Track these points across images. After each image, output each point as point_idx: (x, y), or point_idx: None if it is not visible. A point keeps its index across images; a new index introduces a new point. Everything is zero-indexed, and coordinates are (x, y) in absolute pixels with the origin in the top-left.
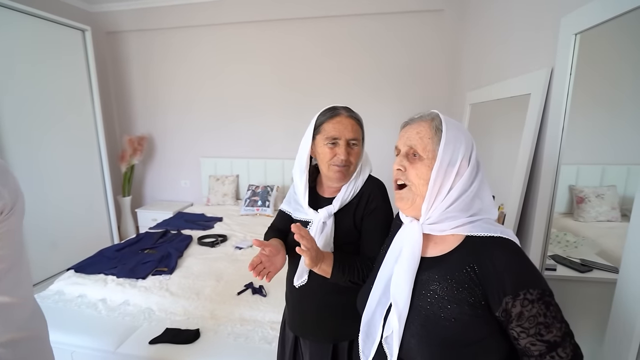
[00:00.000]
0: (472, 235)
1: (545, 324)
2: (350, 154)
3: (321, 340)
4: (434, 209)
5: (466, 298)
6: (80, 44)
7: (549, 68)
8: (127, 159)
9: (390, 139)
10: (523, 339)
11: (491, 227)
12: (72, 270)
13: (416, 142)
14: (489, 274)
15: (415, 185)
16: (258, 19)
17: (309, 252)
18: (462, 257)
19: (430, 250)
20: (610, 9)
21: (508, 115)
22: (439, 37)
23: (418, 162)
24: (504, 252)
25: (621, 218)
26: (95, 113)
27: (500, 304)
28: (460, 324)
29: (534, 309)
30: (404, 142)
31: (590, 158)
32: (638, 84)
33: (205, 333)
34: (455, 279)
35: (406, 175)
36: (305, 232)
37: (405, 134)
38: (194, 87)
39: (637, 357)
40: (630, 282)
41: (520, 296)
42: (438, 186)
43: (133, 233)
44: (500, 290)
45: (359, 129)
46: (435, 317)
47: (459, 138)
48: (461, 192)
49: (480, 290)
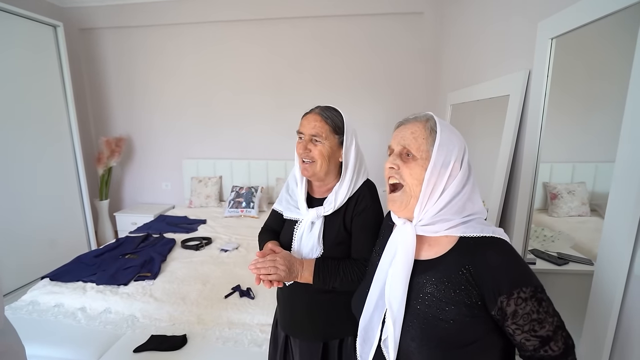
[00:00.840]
0: (465, 237)
1: (538, 320)
2: (312, 150)
3: (311, 338)
4: (427, 211)
5: (463, 299)
6: (52, 41)
7: (527, 70)
8: (104, 161)
9: (374, 139)
10: (518, 336)
11: (484, 228)
12: (47, 279)
13: (410, 141)
14: (484, 274)
15: (409, 186)
16: (241, 18)
17: (276, 276)
18: (457, 259)
19: (425, 252)
20: (584, 16)
21: (488, 116)
22: (420, 39)
23: (412, 162)
24: (497, 252)
25: (590, 213)
26: (69, 113)
27: (495, 303)
28: (459, 325)
29: (527, 307)
30: (397, 142)
31: (562, 156)
32: (607, 87)
33: (193, 338)
34: (452, 281)
35: (399, 173)
36: (261, 263)
37: (399, 134)
38: (174, 87)
39: (612, 344)
40: (606, 275)
41: (514, 295)
42: (431, 187)
43: (112, 238)
44: (495, 290)
45: (323, 127)
46: (433, 319)
47: (453, 140)
48: (454, 194)
49: (476, 290)
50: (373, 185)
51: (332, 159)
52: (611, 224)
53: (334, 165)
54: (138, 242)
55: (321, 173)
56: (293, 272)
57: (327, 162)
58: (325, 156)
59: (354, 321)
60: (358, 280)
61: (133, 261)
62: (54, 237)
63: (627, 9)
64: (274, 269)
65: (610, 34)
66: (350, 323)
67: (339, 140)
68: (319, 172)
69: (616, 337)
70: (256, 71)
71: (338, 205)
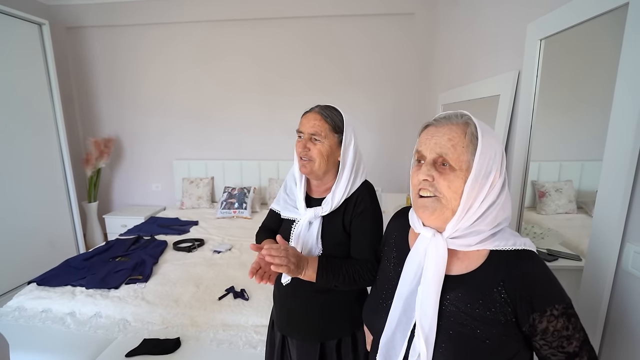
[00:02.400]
0: (496, 250)
1: (567, 337)
2: (311, 149)
3: (308, 339)
4: (462, 222)
5: (499, 317)
6: (37, 39)
7: (517, 71)
8: (92, 163)
9: (365, 139)
10: (545, 351)
11: (516, 240)
12: (34, 284)
13: (448, 150)
14: (518, 290)
15: (447, 199)
16: (232, 18)
17: (287, 268)
18: (491, 275)
19: (455, 267)
20: (571, 17)
21: (479, 116)
22: (412, 40)
23: (449, 173)
24: (531, 267)
25: (577, 210)
26: (56, 113)
27: (527, 320)
28: (494, 344)
29: (558, 324)
30: (431, 148)
31: (550, 155)
32: (594, 88)
33: (186, 341)
34: (486, 299)
35: (434, 185)
36: (276, 251)
37: (432, 139)
38: (165, 87)
39: (602, 337)
40: (595, 271)
41: (547, 312)
42: (472, 200)
43: (101, 241)
44: (529, 307)
45: (323, 126)
46: (467, 339)
47: (494, 147)
48: (490, 204)
49: (511, 308)
50: (372, 187)
51: (331, 158)
52: (600, 221)
53: (332, 165)
54: (129, 245)
55: (319, 172)
56: (300, 267)
57: (326, 161)
58: (324, 155)
59: (352, 321)
60: (360, 280)
61: (124, 264)
62: (40, 241)
63: (614, 10)
64: (286, 260)
65: (598, 35)
66: (348, 323)
67: (339, 139)
68: (317, 170)
69: (605, 331)
70: (248, 71)
71: (336, 205)
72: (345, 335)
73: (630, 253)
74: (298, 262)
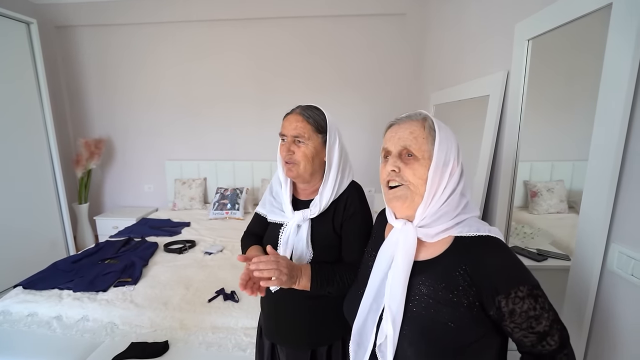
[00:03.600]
0: (461, 236)
1: (535, 317)
2: (295, 152)
3: (298, 346)
4: (430, 208)
5: (462, 300)
6: (25, 38)
7: (506, 71)
8: (83, 164)
9: (359, 139)
10: (516, 333)
11: (480, 227)
12: (20, 287)
13: (411, 142)
14: (480, 274)
15: (414, 185)
16: (226, 17)
17: (278, 280)
18: (454, 259)
19: (422, 253)
20: (558, 18)
21: (470, 116)
22: (404, 40)
23: (414, 162)
24: (493, 251)
25: (568, 210)
26: (45, 114)
27: (493, 303)
28: (457, 326)
29: (525, 305)
30: (395, 143)
31: (542, 155)
32: (582, 87)
33: (175, 344)
34: (450, 282)
35: (401, 175)
36: (265, 264)
37: (395, 135)
38: (157, 87)
39: (588, 336)
40: (581, 270)
41: (511, 294)
42: (436, 185)
43: (92, 243)
44: (493, 290)
45: (305, 127)
46: (432, 322)
47: (450, 139)
48: (452, 190)
49: (473, 291)
50: (360, 187)
51: (317, 159)
52: (585, 221)
53: (319, 166)
54: (119, 247)
55: (306, 174)
56: (293, 277)
57: (312, 162)
58: (309, 157)
59: (342, 326)
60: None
61: (113, 266)
62: (29, 244)
63: (598, 11)
64: (277, 272)
65: (585, 35)
66: (338, 328)
67: (323, 139)
68: (303, 173)
69: (591, 329)
70: (241, 71)
71: (324, 206)
72: (336, 340)
73: (615, 253)
74: (291, 272)
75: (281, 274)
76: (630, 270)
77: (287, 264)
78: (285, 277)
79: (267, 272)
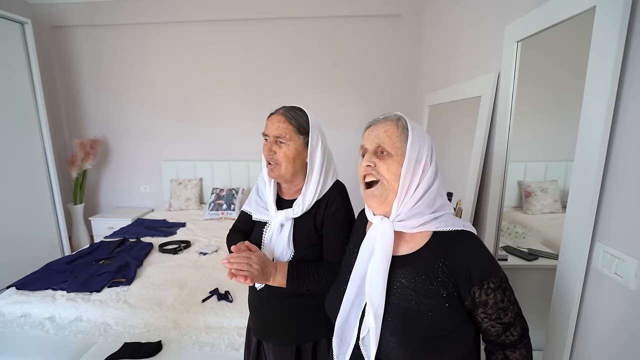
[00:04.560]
0: (439, 231)
1: (503, 309)
2: (277, 152)
3: (284, 343)
4: (404, 205)
5: (440, 291)
6: (19, 38)
7: (497, 72)
8: (78, 164)
9: (354, 139)
10: (485, 323)
11: (455, 222)
12: (13, 288)
13: (385, 139)
14: (458, 266)
15: (387, 180)
16: (220, 18)
17: (248, 273)
18: (432, 253)
19: (401, 248)
20: (545, 20)
21: (463, 116)
22: (399, 41)
23: (388, 159)
24: (469, 245)
25: (562, 210)
26: (40, 114)
27: (469, 293)
28: (437, 316)
29: (496, 296)
30: (371, 141)
31: (536, 155)
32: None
33: (168, 344)
34: (429, 274)
35: (376, 170)
36: (236, 258)
37: (372, 133)
38: (153, 87)
39: (574, 333)
40: (567, 269)
41: (484, 286)
42: (408, 181)
43: (87, 243)
44: (468, 281)
45: (287, 128)
46: (413, 312)
47: (423, 138)
48: (426, 188)
49: (451, 282)
50: (343, 187)
51: (298, 160)
52: (571, 221)
53: (301, 166)
54: (113, 247)
55: (287, 175)
56: (266, 274)
57: (293, 163)
58: (290, 158)
59: (328, 323)
60: (332, 282)
61: (107, 267)
62: (23, 244)
63: (583, 13)
64: (247, 266)
65: (572, 37)
66: (323, 325)
67: (305, 140)
68: (284, 174)
69: (577, 326)
70: (236, 72)
71: (306, 207)
72: (321, 337)
73: (599, 252)
74: (263, 268)
75: (251, 268)
76: (614, 269)
77: (260, 260)
78: (257, 272)
79: (237, 265)
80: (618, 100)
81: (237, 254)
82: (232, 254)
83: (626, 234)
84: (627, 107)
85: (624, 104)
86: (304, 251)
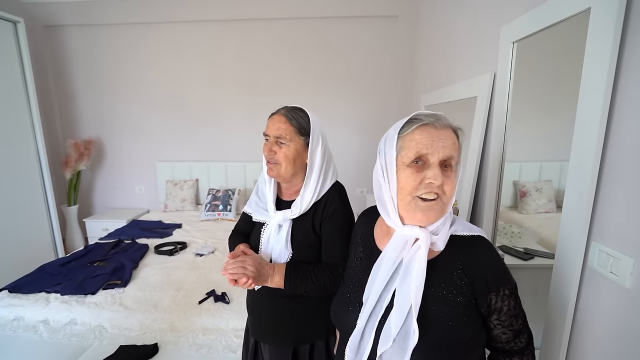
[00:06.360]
0: (456, 235)
1: (515, 315)
2: (277, 152)
3: (280, 344)
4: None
5: (460, 299)
6: (12, 37)
7: (492, 73)
8: (72, 165)
9: (351, 139)
10: (497, 329)
11: (470, 227)
12: (5, 291)
13: (454, 152)
14: (475, 272)
15: (447, 197)
16: (216, 18)
17: (244, 277)
18: (451, 260)
19: None
20: (540, 21)
21: (459, 117)
22: (395, 42)
23: (451, 174)
24: (484, 251)
25: (556, 209)
26: (33, 114)
27: (486, 300)
28: (457, 325)
29: (510, 303)
30: (439, 151)
31: (530, 155)
32: (568, 88)
33: (164, 347)
34: (448, 282)
35: (441, 188)
36: (232, 264)
37: (439, 141)
38: (148, 87)
39: (570, 332)
40: (564, 268)
41: (500, 292)
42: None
43: (81, 245)
44: (485, 288)
45: (288, 128)
46: (433, 321)
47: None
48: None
49: (469, 289)
50: (342, 188)
51: (298, 161)
52: (567, 220)
53: (300, 167)
54: (108, 249)
55: (286, 175)
56: (263, 275)
57: (293, 164)
58: (290, 158)
59: (325, 326)
60: (331, 284)
61: (102, 269)
62: (16, 247)
63: (578, 15)
64: (242, 269)
65: (568, 38)
66: (320, 327)
67: (305, 141)
68: (283, 173)
69: (574, 325)
70: (232, 72)
71: (305, 208)
72: (318, 339)
73: (595, 251)
74: (259, 269)
75: (246, 271)
76: (609, 268)
77: (255, 263)
78: (252, 274)
79: (232, 271)
80: (613, 100)
81: (232, 260)
82: (228, 261)
83: (621, 233)
84: (622, 107)
85: (619, 104)
86: (302, 252)
